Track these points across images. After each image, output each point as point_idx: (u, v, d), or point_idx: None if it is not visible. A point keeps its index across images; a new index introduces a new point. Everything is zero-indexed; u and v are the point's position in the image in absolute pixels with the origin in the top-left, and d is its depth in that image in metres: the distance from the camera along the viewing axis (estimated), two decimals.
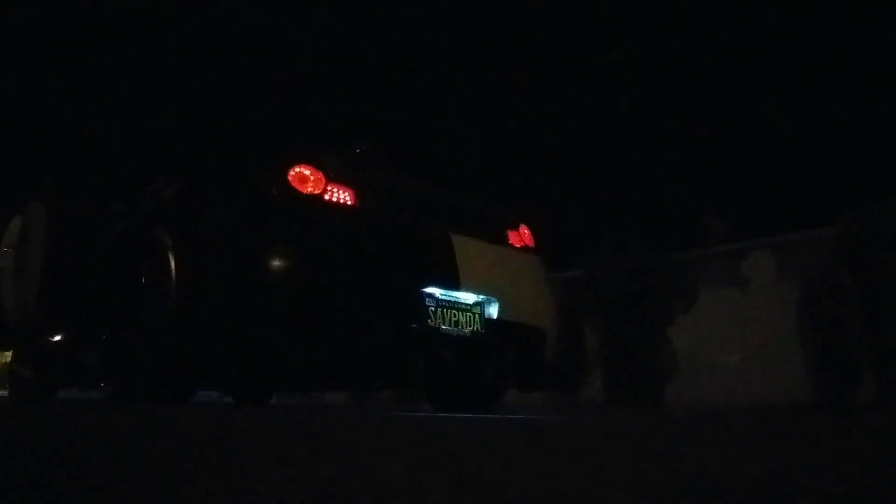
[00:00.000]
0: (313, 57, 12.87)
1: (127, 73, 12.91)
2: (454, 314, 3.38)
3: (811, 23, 9.48)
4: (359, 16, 12.86)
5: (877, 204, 5.73)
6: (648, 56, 11.05)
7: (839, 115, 9.09)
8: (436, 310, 3.31)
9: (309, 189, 3.19)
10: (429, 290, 3.32)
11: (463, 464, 1.25)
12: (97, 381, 4.14)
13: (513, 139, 11.95)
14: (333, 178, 3.27)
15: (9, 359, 5.89)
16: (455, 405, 4.18)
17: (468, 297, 3.48)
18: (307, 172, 3.21)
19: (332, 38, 12.93)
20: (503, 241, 3.93)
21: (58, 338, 4.56)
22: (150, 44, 12.86)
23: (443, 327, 3.31)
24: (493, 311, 3.57)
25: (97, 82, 12.83)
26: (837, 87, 9.26)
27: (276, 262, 3.04)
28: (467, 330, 3.42)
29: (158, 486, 0.96)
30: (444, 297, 3.37)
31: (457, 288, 3.41)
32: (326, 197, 3.22)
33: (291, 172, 3.19)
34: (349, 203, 3.28)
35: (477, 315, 3.49)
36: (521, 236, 4.07)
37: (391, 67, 12.62)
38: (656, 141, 10.95)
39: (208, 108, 12.48)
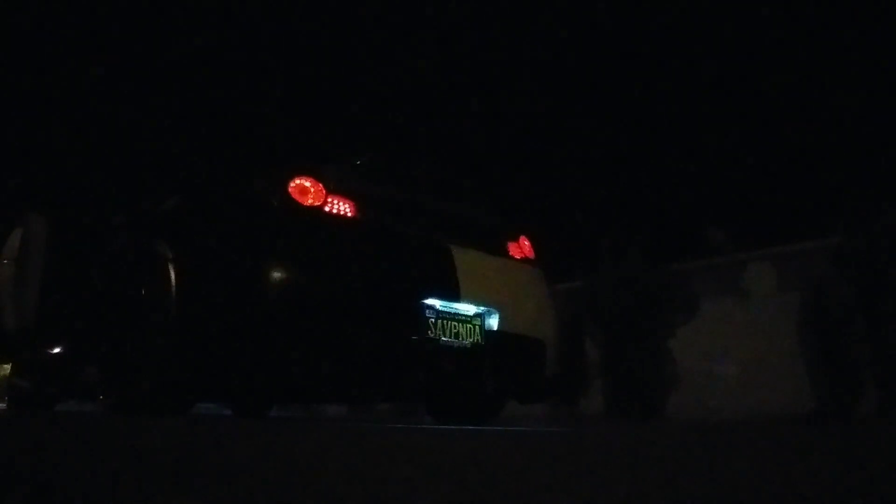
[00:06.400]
0: (314, 68, 12.93)
1: (126, 84, 12.97)
2: (454, 326, 3.37)
3: (809, 34, 9.54)
4: (361, 26, 12.93)
5: (876, 214, 5.73)
6: (648, 67, 11.10)
7: (838, 126, 9.12)
8: (436, 321, 3.30)
9: (309, 201, 3.19)
10: (429, 301, 3.31)
11: (463, 476, 1.25)
12: (96, 393, 4.12)
13: (513, 150, 11.99)
14: (334, 189, 3.27)
15: (8, 371, 5.88)
16: (455, 417, 4.17)
17: (468, 309, 3.47)
18: (307, 184, 3.21)
19: (333, 49, 12.99)
20: (503, 252, 3.92)
21: (57, 350, 4.55)
22: (150, 55, 12.93)
23: (443, 339, 3.30)
24: (493, 322, 3.56)
25: (97, 93, 12.89)
26: (836, 97, 9.29)
27: (276, 274, 3.03)
28: (468, 341, 3.41)
29: (158, 497, 0.95)
30: (444, 309, 3.36)
31: (457, 299, 3.40)
32: (327, 209, 3.22)
33: (292, 184, 3.19)
34: (349, 215, 3.28)
35: (477, 327, 3.48)
36: (522, 248, 4.07)
37: (392, 78, 12.67)
38: (657, 152, 10.99)
39: (208, 120, 12.52)
